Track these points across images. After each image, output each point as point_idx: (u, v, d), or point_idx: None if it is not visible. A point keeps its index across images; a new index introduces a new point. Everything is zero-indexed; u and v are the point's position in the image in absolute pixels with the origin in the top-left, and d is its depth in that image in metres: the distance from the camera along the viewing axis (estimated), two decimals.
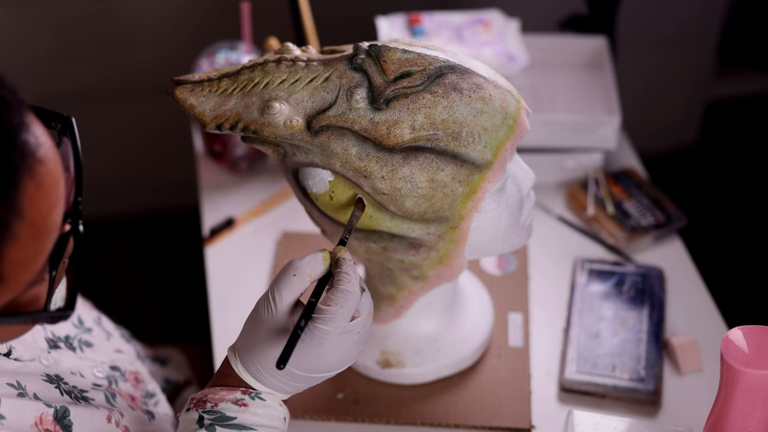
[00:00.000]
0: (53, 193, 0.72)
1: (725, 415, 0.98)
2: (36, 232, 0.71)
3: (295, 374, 0.90)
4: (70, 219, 0.76)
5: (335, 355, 0.90)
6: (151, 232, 2.50)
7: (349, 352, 0.91)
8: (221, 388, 0.91)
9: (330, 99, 0.98)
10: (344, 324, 0.89)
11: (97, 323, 1.16)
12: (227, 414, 0.89)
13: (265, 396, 0.91)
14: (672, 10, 2.41)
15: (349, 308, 0.89)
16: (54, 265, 0.75)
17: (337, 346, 0.89)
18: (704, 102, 2.64)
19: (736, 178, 2.61)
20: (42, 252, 0.72)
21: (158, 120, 2.34)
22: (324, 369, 0.90)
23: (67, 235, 0.76)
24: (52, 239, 0.73)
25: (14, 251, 0.69)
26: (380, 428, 1.18)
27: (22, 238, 0.69)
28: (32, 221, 0.70)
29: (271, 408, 0.91)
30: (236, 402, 0.90)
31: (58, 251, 0.75)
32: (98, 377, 1.04)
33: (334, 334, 0.88)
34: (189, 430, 0.90)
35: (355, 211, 1.00)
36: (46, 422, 0.89)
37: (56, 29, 2.18)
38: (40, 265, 0.73)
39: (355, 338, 0.90)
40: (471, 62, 1.01)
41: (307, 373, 0.90)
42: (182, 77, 0.99)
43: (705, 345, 1.25)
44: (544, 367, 1.24)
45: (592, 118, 1.48)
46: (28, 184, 0.69)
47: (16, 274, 0.71)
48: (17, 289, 0.73)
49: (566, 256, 1.40)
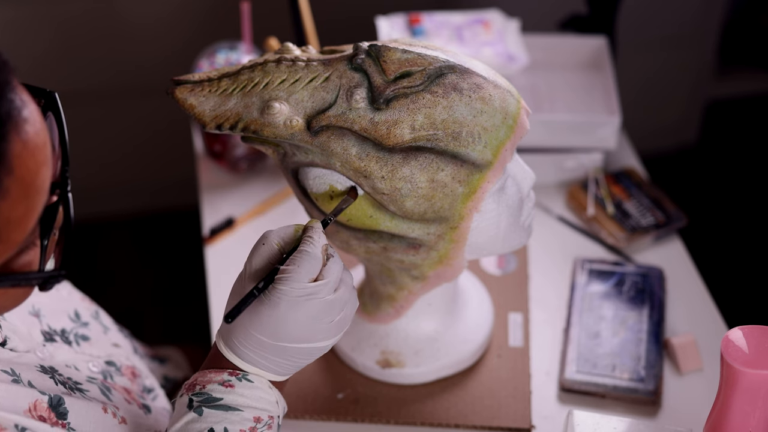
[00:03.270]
0: (41, 153, 0.74)
1: (725, 415, 0.98)
2: (25, 189, 0.73)
3: (264, 343, 0.89)
4: (59, 190, 0.78)
5: (298, 321, 0.88)
6: (151, 232, 2.50)
7: (317, 321, 0.89)
8: (210, 371, 0.92)
9: (330, 99, 0.98)
10: (301, 285, 0.88)
11: (95, 317, 1.16)
12: (214, 395, 0.90)
13: (252, 378, 0.91)
14: (672, 10, 2.41)
15: (307, 269, 0.89)
16: (45, 233, 0.77)
17: (298, 310, 0.88)
18: (704, 102, 2.64)
19: (736, 178, 2.61)
20: (32, 212, 0.75)
21: (158, 120, 2.34)
22: (291, 337, 0.89)
23: (56, 205, 0.78)
24: (41, 200, 0.75)
25: (5, 207, 0.72)
26: (380, 428, 1.18)
27: (12, 194, 0.72)
28: (21, 177, 0.72)
29: (259, 390, 0.91)
30: (223, 383, 0.90)
31: (48, 220, 0.77)
32: (93, 371, 1.04)
33: (290, 295, 0.88)
34: (180, 413, 0.91)
35: (347, 197, 1.00)
36: (40, 409, 0.89)
37: (56, 29, 2.18)
38: (31, 226, 0.75)
39: (319, 304, 0.89)
40: (471, 62, 1.01)
41: (275, 341, 0.89)
42: (182, 77, 0.99)
43: (705, 345, 1.25)
44: (544, 367, 1.24)
45: (592, 118, 1.48)
46: (15, 140, 0.71)
47: (8, 232, 0.73)
48: (10, 249, 0.75)
49: (566, 256, 1.40)
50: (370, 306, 1.19)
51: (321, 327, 0.90)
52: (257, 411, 0.90)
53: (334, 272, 0.91)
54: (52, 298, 1.10)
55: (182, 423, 0.89)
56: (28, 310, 1.04)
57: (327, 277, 0.90)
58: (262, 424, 0.90)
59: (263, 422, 0.91)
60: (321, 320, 0.90)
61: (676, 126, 2.64)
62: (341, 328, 0.93)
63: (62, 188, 0.78)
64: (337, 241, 1.08)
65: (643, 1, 2.34)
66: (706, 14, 2.45)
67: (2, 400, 0.87)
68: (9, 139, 0.71)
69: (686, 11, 2.42)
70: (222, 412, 0.89)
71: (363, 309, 1.21)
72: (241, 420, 0.89)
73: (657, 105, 2.56)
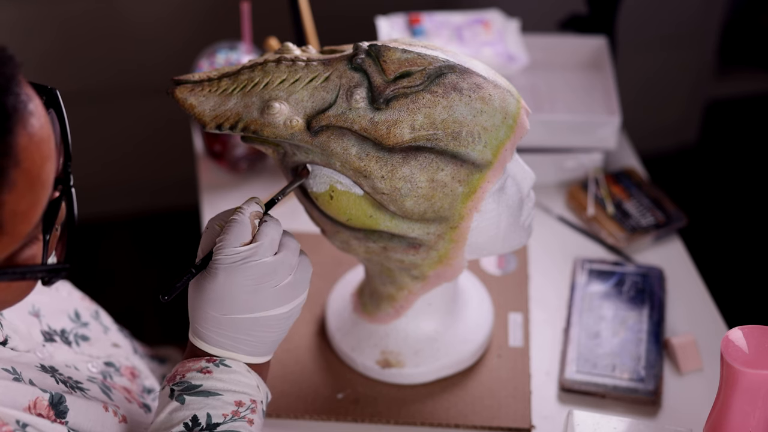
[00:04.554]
0: (46, 146, 0.75)
1: (725, 415, 0.98)
2: (31, 182, 0.74)
3: (220, 320, 0.91)
4: (61, 185, 0.79)
5: (240, 287, 0.89)
6: (151, 232, 2.50)
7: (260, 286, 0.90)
8: (188, 360, 0.93)
9: (330, 99, 0.98)
10: (233, 250, 0.89)
11: (95, 317, 1.16)
12: (193, 382, 0.91)
13: (229, 363, 0.92)
14: (672, 10, 2.41)
15: (236, 235, 0.90)
16: (47, 228, 0.78)
17: (236, 276, 0.89)
18: (704, 102, 2.64)
19: (736, 178, 2.61)
20: (37, 205, 0.76)
21: (158, 120, 2.34)
22: (238, 307, 0.90)
23: (59, 201, 0.79)
24: (46, 194, 0.76)
25: (12, 200, 0.73)
26: (380, 428, 1.18)
27: (18, 187, 0.73)
28: (27, 170, 0.73)
29: (237, 374, 0.92)
30: (201, 370, 0.91)
31: (51, 215, 0.78)
32: (92, 372, 1.05)
33: (225, 263, 0.89)
34: (163, 404, 0.92)
35: (299, 176, 1.00)
36: (40, 407, 0.90)
37: (57, 29, 2.18)
38: (36, 219, 0.76)
39: (256, 267, 0.89)
40: (471, 62, 1.01)
41: (224, 313, 0.90)
42: (182, 77, 0.99)
43: (705, 345, 1.25)
44: (544, 367, 1.24)
45: (592, 118, 1.48)
46: (22, 133, 0.73)
47: (14, 224, 0.74)
48: (16, 242, 0.76)
49: (566, 256, 1.40)
50: (370, 306, 1.19)
51: (267, 293, 0.91)
52: (237, 395, 0.91)
53: (266, 234, 0.91)
54: (51, 297, 1.10)
55: (166, 413, 0.91)
56: (27, 310, 1.04)
57: (260, 239, 0.91)
58: (245, 408, 0.91)
59: (245, 406, 0.91)
60: (264, 285, 0.90)
61: (676, 126, 2.64)
62: (294, 294, 0.93)
63: (65, 184, 0.80)
64: (337, 241, 1.08)
65: (643, 1, 2.34)
66: (706, 14, 2.45)
67: (2, 397, 0.87)
68: (16, 132, 0.72)
69: (686, 11, 2.42)
70: (203, 398, 0.90)
71: (363, 309, 1.21)
72: (222, 404, 0.90)
73: (657, 105, 2.56)
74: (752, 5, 2.73)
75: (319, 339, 1.27)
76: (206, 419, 0.89)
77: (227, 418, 0.90)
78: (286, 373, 1.23)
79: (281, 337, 0.95)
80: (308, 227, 1.41)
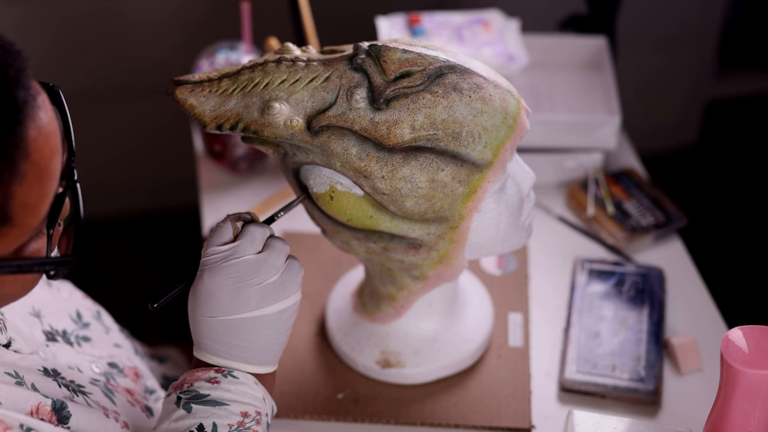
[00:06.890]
0: (53, 139, 0.77)
1: (725, 415, 0.98)
2: (40, 174, 0.75)
3: (214, 325, 0.92)
4: (65, 181, 0.81)
5: (224, 286, 0.91)
6: (151, 232, 2.50)
7: (243, 284, 0.91)
8: (197, 370, 0.94)
9: (330, 99, 0.98)
10: (213, 249, 0.92)
11: (96, 318, 1.16)
12: (201, 392, 0.92)
13: (237, 374, 0.93)
14: (671, 10, 2.41)
15: (218, 236, 0.93)
16: (51, 223, 0.80)
17: (219, 275, 0.91)
18: (704, 102, 2.64)
19: (736, 178, 2.61)
20: (45, 197, 0.77)
21: (158, 120, 2.34)
22: (224, 308, 0.91)
23: (62, 196, 0.81)
24: (53, 187, 0.78)
25: (22, 192, 0.74)
26: (380, 428, 1.18)
27: (28, 179, 0.74)
28: (36, 162, 0.75)
29: (244, 385, 0.93)
30: (209, 380, 0.92)
31: (55, 210, 0.80)
32: (95, 372, 1.05)
33: (208, 263, 0.92)
34: (169, 411, 0.92)
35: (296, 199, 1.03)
36: (43, 412, 0.90)
37: (56, 29, 2.18)
38: (45, 212, 0.78)
39: (238, 265, 0.91)
40: (471, 62, 1.01)
41: (215, 315, 0.91)
42: (182, 77, 0.99)
43: (705, 345, 1.25)
44: (544, 367, 1.24)
45: (592, 118, 1.48)
46: (31, 126, 0.74)
47: (23, 216, 0.76)
48: (24, 234, 0.77)
49: (566, 256, 1.40)
50: (370, 306, 1.19)
51: (250, 292, 0.91)
52: (243, 406, 0.92)
53: (247, 233, 0.93)
54: (53, 298, 1.10)
55: (171, 420, 0.91)
56: (28, 311, 1.04)
57: (240, 237, 0.93)
58: (250, 419, 0.92)
59: (251, 417, 0.92)
60: (246, 283, 0.91)
61: (676, 126, 2.64)
62: (280, 295, 0.93)
63: (69, 179, 0.81)
64: (337, 242, 1.08)
65: (643, 1, 2.34)
66: (706, 14, 2.45)
67: (5, 401, 0.87)
68: (26, 125, 0.74)
69: (686, 11, 2.42)
70: (210, 407, 0.91)
71: (363, 309, 1.21)
72: (228, 414, 0.91)
73: (657, 105, 2.56)
74: (752, 5, 2.73)
75: (319, 339, 1.27)
76: (212, 428, 0.90)
77: (232, 428, 0.91)
78: (286, 373, 1.23)
79: (278, 342, 0.95)
80: (308, 227, 1.41)
